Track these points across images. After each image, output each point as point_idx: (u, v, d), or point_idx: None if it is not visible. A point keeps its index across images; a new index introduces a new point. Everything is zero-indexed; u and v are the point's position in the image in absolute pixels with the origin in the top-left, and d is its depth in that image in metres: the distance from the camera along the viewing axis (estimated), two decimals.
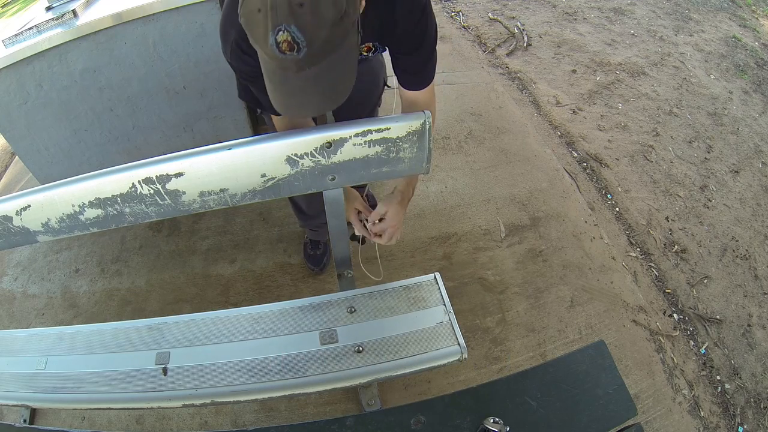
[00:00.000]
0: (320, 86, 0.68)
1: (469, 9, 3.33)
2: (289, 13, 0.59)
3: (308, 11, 0.60)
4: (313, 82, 0.67)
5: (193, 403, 1.04)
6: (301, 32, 0.61)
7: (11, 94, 1.47)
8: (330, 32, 0.62)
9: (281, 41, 0.61)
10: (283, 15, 0.60)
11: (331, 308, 1.17)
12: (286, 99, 0.71)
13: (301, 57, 0.63)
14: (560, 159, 2.22)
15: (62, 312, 1.75)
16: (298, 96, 0.70)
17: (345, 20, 0.63)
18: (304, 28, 0.60)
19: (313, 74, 0.66)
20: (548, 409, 0.88)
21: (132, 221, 1.02)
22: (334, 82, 0.69)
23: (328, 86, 0.69)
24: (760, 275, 1.86)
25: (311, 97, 0.70)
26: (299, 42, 0.61)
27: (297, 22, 0.60)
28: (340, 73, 0.69)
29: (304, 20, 0.60)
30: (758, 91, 2.73)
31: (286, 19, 0.60)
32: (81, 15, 1.44)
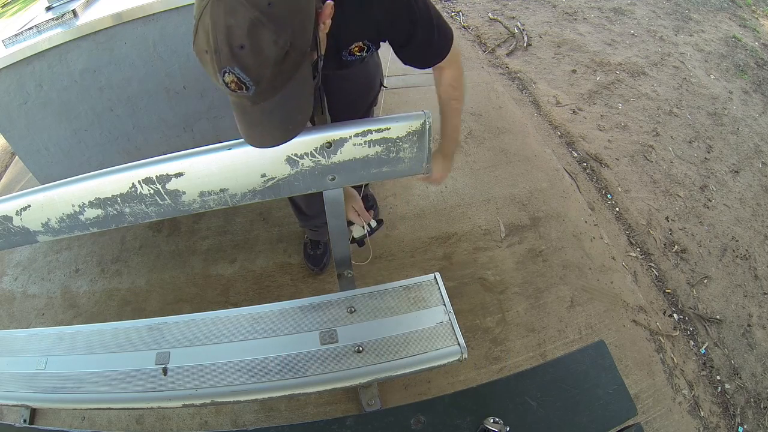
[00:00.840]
0: (276, 118, 0.69)
1: (469, 9, 3.33)
2: (231, 55, 0.60)
3: (249, 53, 0.60)
4: (269, 115, 0.68)
5: (193, 403, 1.04)
6: (245, 73, 0.61)
7: (11, 94, 1.47)
8: (275, 70, 0.62)
9: (229, 82, 0.62)
10: (225, 58, 0.60)
11: (331, 308, 1.17)
12: (248, 130, 0.72)
13: (251, 95, 0.64)
14: (560, 159, 2.22)
15: (62, 312, 1.75)
16: (258, 127, 0.71)
17: (291, 55, 0.63)
18: (247, 69, 0.61)
19: (268, 108, 0.67)
20: (548, 409, 0.88)
21: (132, 221, 1.02)
22: (289, 114, 0.70)
23: (284, 118, 0.70)
24: (760, 275, 1.86)
25: (269, 128, 0.71)
26: (245, 82, 0.62)
27: (239, 64, 0.60)
28: (294, 104, 0.69)
29: (246, 62, 0.60)
30: (758, 91, 2.73)
31: (229, 61, 0.60)
32: (81, 15, 1.44)
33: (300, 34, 0.64)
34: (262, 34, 0.59)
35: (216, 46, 0.60)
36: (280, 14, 0.60)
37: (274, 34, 0.60)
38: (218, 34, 0.59)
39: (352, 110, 1.25)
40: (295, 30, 0.62)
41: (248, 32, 0.59)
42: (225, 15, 0.58)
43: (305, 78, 0.69)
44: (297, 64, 0.65)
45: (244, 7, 0.58)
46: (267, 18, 0.59)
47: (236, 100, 0.67)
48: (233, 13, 0.58)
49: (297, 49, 0.63)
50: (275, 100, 0.66)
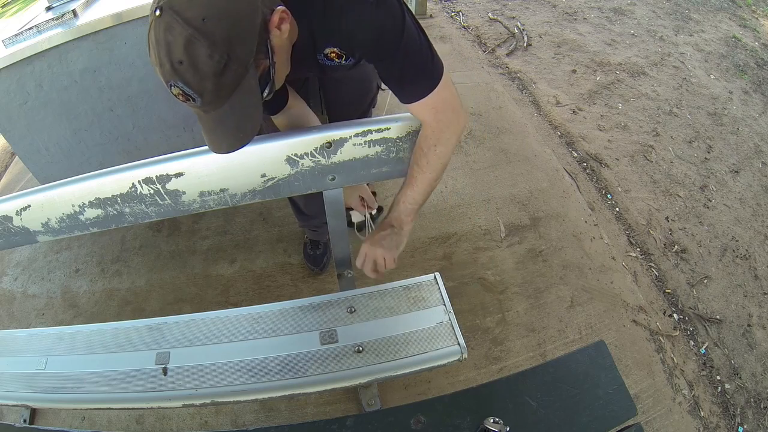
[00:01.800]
0: (226, 126, 0.72)
1: (469, 9, 3.33)
2: (173, 71, 0.63)
3: (188, 68, 0.63)
4: (220, 123, 0.71)
5: (193, 403, 1.04)
6: (188, 86, 0.64)
7: (11, 94, 1.47)
8: (215, 82, 0.65)
9: (176, 94, 0.66)
10: (168, 73, 0.64)
11: (331, 308, 1.17)
12: (207, 135, 0.75)
13: (199, 105, 0.67)
14: (560, 159, 2.22)
15: (62, 312, 1.75)
16: (213, 134, 0.74)
17: (231, 67, 0.65)
18: (188, 83, 0.64)
19: (218, 116, 0.70)
20: (548, 409, 0.88)
21: (132, 221, 1.02)
22: (238, 122, 0.72)
23: (233, 126, 0.72)
24: (760, 275, 1.86)
25: (221, 135, 0.74)
26: (190, 94, 0.65)
27: (181, 78, 0.64)
28: (241, 113, 0.71)
29: (186, 76, 0.64)
30: (758, 91, 2.73)
31: (172, 76, 0.64)
32: (81, 15, 1.44)
33: (239, 47, 0.65)
34: (197, 50, 0.62)
35: (160, 61, 0.64)
36: (215, 30, 0.62)
37: (208, 49, 0.62)
38: (160, 50, 0.63)
39: (348, 112, 1.24)
40: (232, 43, 0.64)
41: (185, 48, 0.62)
42: (164, 32, 0.62)
43: (251, 88, 0.70)
44: (239, 76, 0.67)
45: (180, 24, 0.61)
46: (201, 34, 0.61)
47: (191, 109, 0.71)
48: (171, 30, 0.62)
49: (236, 61, 0.65)
50: (223, 109, 0.69)
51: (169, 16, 0.61)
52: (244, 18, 0.65)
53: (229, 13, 0.63)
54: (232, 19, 0.64)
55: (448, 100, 0.89)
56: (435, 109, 0.88)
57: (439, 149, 0.92)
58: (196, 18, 0.61)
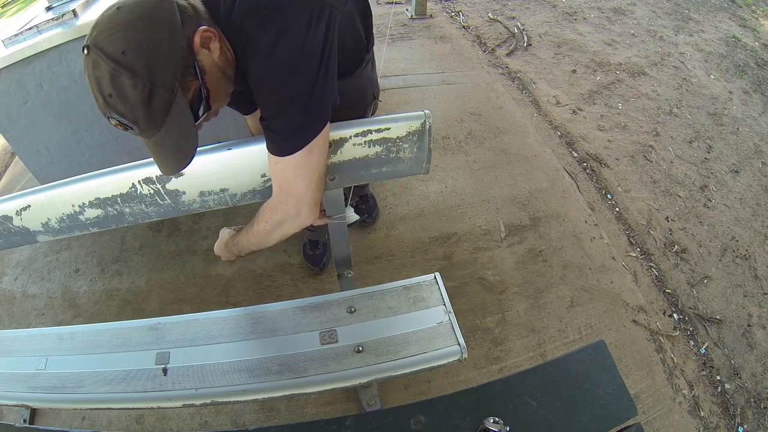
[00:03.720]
0: (167, 148, 0.76)
1: (469, 9, 3.33)
2: (105, 104, 0.68)
3: (117, 100, 0.67)
4: (162, 146, 0.75)
5: (193, 403, 1.04)
6: (122, 117, 0.68)
7: (11, 94, 1.47)
8: (146, 110, 0.68)
9: (115, 125, 0.70)
10: (102, 106, 0.68)
11: (331, 308, 1.17)
12: (154, 158, 0.79)
13: (138, 133, 0.71)
14: (560, 159, 2.22)
15: (62, 312, 1.75)
16: (157, 157, 0.78)
17: (158, 93, 0.68)
18: (122, 113, 0.68)
19: (158, 140, 0.73)
20: (548, 409, 0.88)
21: (132, 221, 1.02)
22: (176, 144, 0.76)
23: (173, 147, 0.76)
24: (760, 275, 1.86)
25: (164, 158, 0.78)
26: (126, 124, 0.69)
27: (113, 110, 0.68)
28: (177, 135, 0.74)
29: (118, 108, 0.67)
30: (758, 91, 2.73)
31: (106, 109, 0.68)
32: (81, 15, 1.44)
33: (161, 73, 0.67)
34: (122, 82, 0.65)
35: (94, 95, 0.68)
36: (134, 61, 0.65)
37: (131, 80, 0.65)
38: (93, 86, 0.68)
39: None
40: (152, 71, 0.66)
41: (111, 82, 0.65)
42: (93, 69, 0.66)
43: (181, 110, 0.73)
44: (167, 100, 0.70)
45: (104, 60, 0.65)
46: (122, 67, 0.64)
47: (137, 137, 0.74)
48: (98, 67, 0.66)
49: (161, 86, 0.68)
50: (161, 133, 0.72)
51: (95, 53, 0.65)
52: (162, 45, 0.67)
53: (146, 43, 0.66)
54: (150, 49, 0.66)
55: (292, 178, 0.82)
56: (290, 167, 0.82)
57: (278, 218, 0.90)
58: (116, 52, 0.64)
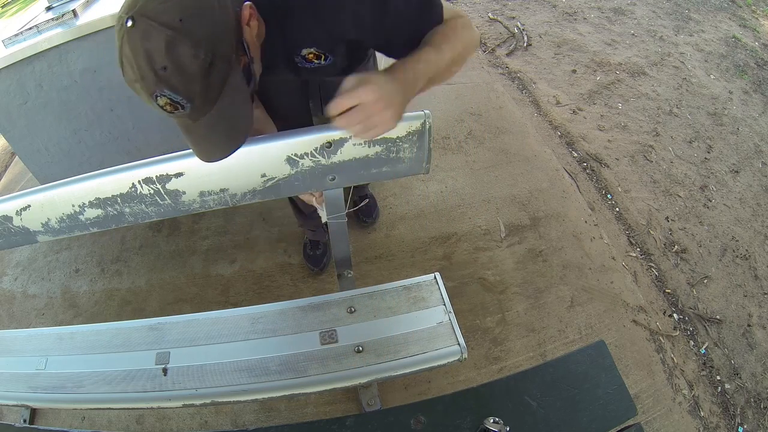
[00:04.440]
0: (220, 129, 0.70)
1: (469, 9, 3.33)
2: (157, 79, 0.61)
3: (173, 72, 0.60)
4: (212, 128, 0.69)
5: (193, 403, 1.04)
6: (175, 93, 0.62)
7: (11, 94, 1.47)
8: (204, 84, 0.63)
9: (163, 105, 0.63)
10: (152, 83, 0.61)
11: (331, 308, 1.17)
12: (196, 147, 0.73)
13: (188, 112, 0.65)
14: (560, 159, 2.22)
15: (62, 312, 1.75)
16: (204, 142, 0.72)
17: (217, 65, 0.63)
18: (175, 89, 0.61)
19: (209, 121, 0.67)
20: (548, 409, 0.88)
21: (132, 221, 1.02)
22: (230, 123, 0.70)
23: (227, 126, 0.70)
24: (760, 275, 1.86)
25: (215, 141, 0.72)
26: (178, 101, 0.63)
27: (167, 85, 0.61)
28: (233, 113, 0.69)
29: (172, 82, 0.61)
30: (758, 91, 2.73)
31: (157, 85, 0.61)
32: (81, 15, 1.44)
33: (220, 43, 0.64)
34: (180, 52, 0.59)
35: (141, 73, 0.60)
36: (195, 28, 0.60)
37: (192, 49, 0.60)
38: (139, 61, 0.60)
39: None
40: (213, 40, 0.62)
41: (166, 52, 0.59)
42: (141, 41, 0.59)
43: (238, 85, 0.69)
44: (225, 73, 0.65)
45: (156, 29, 0.58)
46: (181, 34, 0.59)
47: (178, 121, 0.68)
48: (148, 38, 0.59)
49: (220, 58, 0.64)
50: (213, 113, 0.67)
51: (144, 23, 0.58)
52: (219, 14, 0.64)
53: (204, 10, 0.62)
54: (209, 17, 0.62)
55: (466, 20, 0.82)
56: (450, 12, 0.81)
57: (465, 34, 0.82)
58: (173, 20, 0.59)
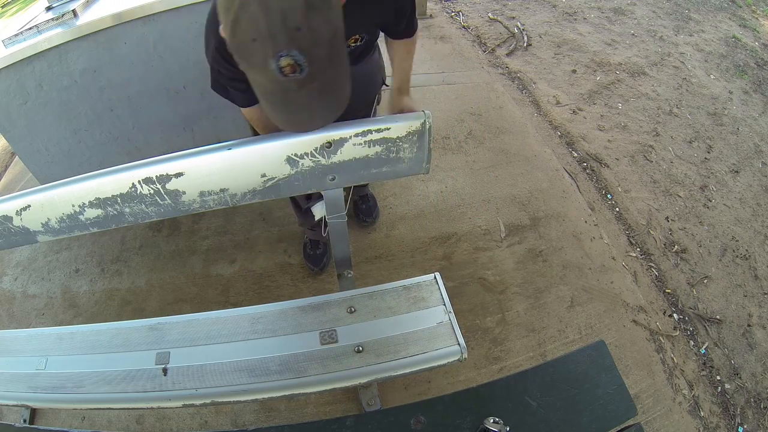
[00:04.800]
0: (324, 98, 0.71)
1: (469, 9, 3.33)
2: (289, 39, 0.61)
3: (306, 34, 0.61)
4: (317, 95, 0.69)
5: (193, 403, 1.04)
6: (303, 54, 0.62)
7: (11, 94, 1.47)
8: (328, 50, 0.64)
9: (284, 65, 0.63)
10: (283, 42, 0.61)
11: (331, 308, 1.17)
12: (291, 115, 0.73)
13: (303, 77, 0.65)
14: (560, 159, 2.22)
15: (62, 312, 1.75)
16: (303, 112, 0.72)
17: (338, 33, 0.65)
18: (304, 50, 0.62)
19: (315, 89, 0.68)
20: (548, 409, 0.88)
21: (132, 221, 1.02)
22: (335, 92, 0.71)
23: (331, 96, 0.71)
24: (760, 275, 1.86)
25: (316, 110, 0.72)
26: (301, 64, 0.63)
27: (297, 46, 0.62)
28: (340, 82, 0.71)
29: (304, 43, 0.62)
30: (758, 91, 2.73)
31: (287, 45, 0.61)
32: (81, 15, 1.44)
33: (340, 14, 0.66)
34: (316, 16, 0.61)
35: (271, 31, 0.60)
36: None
37: (326, 15, 0.62)
38: (272, 20, 0.59)
39: (353, 108, 1.25)
40: (338, 11, 0.65)
41: (305, 14, 0.60)
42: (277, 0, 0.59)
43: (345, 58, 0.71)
44: (342, 44, 0.68)
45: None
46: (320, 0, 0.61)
47: (280, 87, 0.67)
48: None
49: (341, 27, 0.66)
50: (322, 80, 0.67)
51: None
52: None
53: None
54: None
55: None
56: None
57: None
58: None
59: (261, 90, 0.71)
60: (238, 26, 0.62)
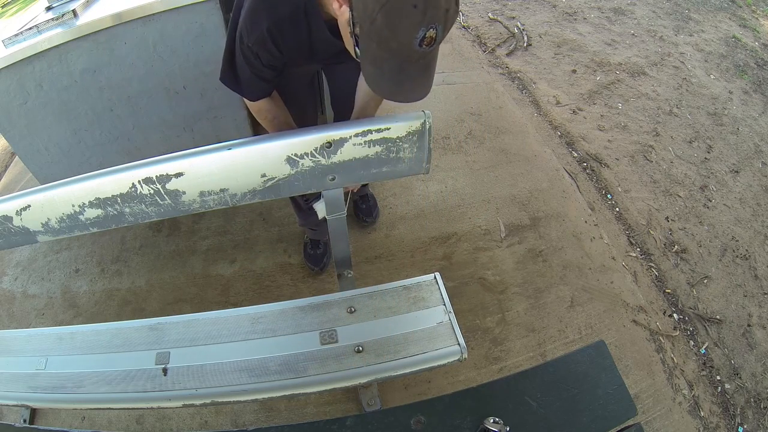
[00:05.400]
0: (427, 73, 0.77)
1: (469, 9, 3.33)
2: (442, 15, 0.68)
3: (451, 14, 0.69)
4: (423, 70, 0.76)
5: (193, 403, 1.04)
6: (443, 31, 0.70)
7: (11, 94, 1.47)
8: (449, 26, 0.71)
9: (428, 37, 0.68)
10: (438, 16, 0.67)
11: (331, 308, 1.17)
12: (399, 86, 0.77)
13: (429, 50, 0.71)
14: (560, 159, 2.22)
15: (62, 312, 1.75)
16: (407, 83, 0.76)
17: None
18: (445, 27, 0.70)
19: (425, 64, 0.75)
20: (548, 409, 0.88)
21: (132, 221, 1.02)
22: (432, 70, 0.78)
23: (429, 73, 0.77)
24: (760, 275, 1.86)
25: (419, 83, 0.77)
26: (437, 38, 0.70)
27: (444, 23, 0.69)
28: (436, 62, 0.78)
29: (448, 22, 0.70)
30: (758, 91, 2.73)
31: (440, 19, 0.68)
32: (81, 15, 1.44)
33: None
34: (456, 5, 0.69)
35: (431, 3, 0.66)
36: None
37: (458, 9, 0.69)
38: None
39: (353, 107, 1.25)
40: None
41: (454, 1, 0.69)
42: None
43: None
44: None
45: None
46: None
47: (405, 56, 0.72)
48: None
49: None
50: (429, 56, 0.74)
51: None
52: None
53: None
54: None
55: None
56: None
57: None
58: None
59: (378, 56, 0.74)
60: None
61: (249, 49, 0.93)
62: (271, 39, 0.90)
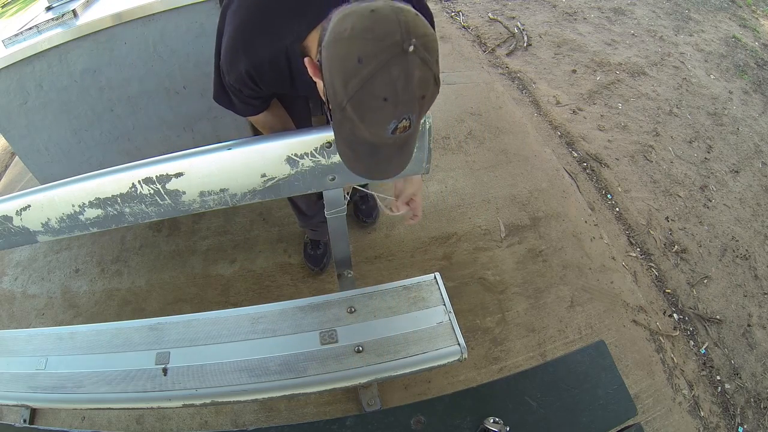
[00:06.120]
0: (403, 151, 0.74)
1: (469, 9, 3.33)
2: (416, 103, 0.64)
3: (426, 101, 0.66)
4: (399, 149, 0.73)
5: (193, 403, 1.04)
6: (416, 117, 0.66)
7: (11, 94, 1.47)
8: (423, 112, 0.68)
9: (400, 127, 0.65)
10: (411, 106, 0.64)
11: (331, 308, 1.17)
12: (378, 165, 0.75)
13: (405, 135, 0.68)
14: (560, 159, 2.22)
15: (62, 312, 1.75)
16: (383, 164, 0.75)
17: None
18: (418, 114, 0.67)
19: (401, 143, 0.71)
20: (548, 409, 0.88)
21: (132, 221, 1.02)
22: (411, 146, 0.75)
23: (407, 150, 0.74)
24: (760, 275, 1.86)
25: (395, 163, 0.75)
26: (411, 124, 0.66)
27: (417, 110, 0.66)
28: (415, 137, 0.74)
29: (422, 109, 0.66)
30: (758, 91, 2.73)
31: (413, 109, 0.65)
32: (81, 15, 1.44)
33: None
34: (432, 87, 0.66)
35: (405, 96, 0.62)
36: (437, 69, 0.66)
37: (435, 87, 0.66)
38: (410, 86, 0.62)
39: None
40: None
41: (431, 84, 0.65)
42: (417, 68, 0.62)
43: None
44: None
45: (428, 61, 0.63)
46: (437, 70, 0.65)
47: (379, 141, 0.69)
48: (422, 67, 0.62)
49: None
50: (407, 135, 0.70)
51: (421, 52, 0.62)
52: None
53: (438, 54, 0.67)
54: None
55: None
56: None
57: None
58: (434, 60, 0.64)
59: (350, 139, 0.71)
60: (372, 83, 0.62)
61: (231, 85, 0.93)
62: (250, 80, 0.88)
